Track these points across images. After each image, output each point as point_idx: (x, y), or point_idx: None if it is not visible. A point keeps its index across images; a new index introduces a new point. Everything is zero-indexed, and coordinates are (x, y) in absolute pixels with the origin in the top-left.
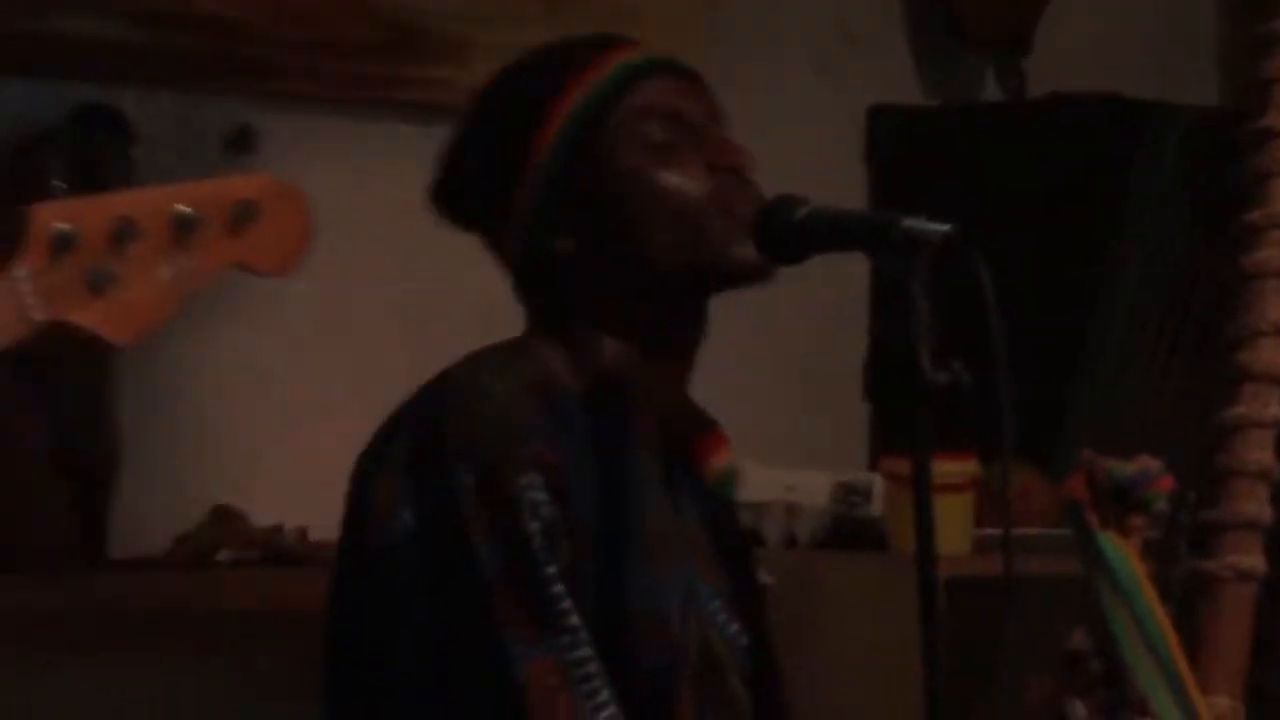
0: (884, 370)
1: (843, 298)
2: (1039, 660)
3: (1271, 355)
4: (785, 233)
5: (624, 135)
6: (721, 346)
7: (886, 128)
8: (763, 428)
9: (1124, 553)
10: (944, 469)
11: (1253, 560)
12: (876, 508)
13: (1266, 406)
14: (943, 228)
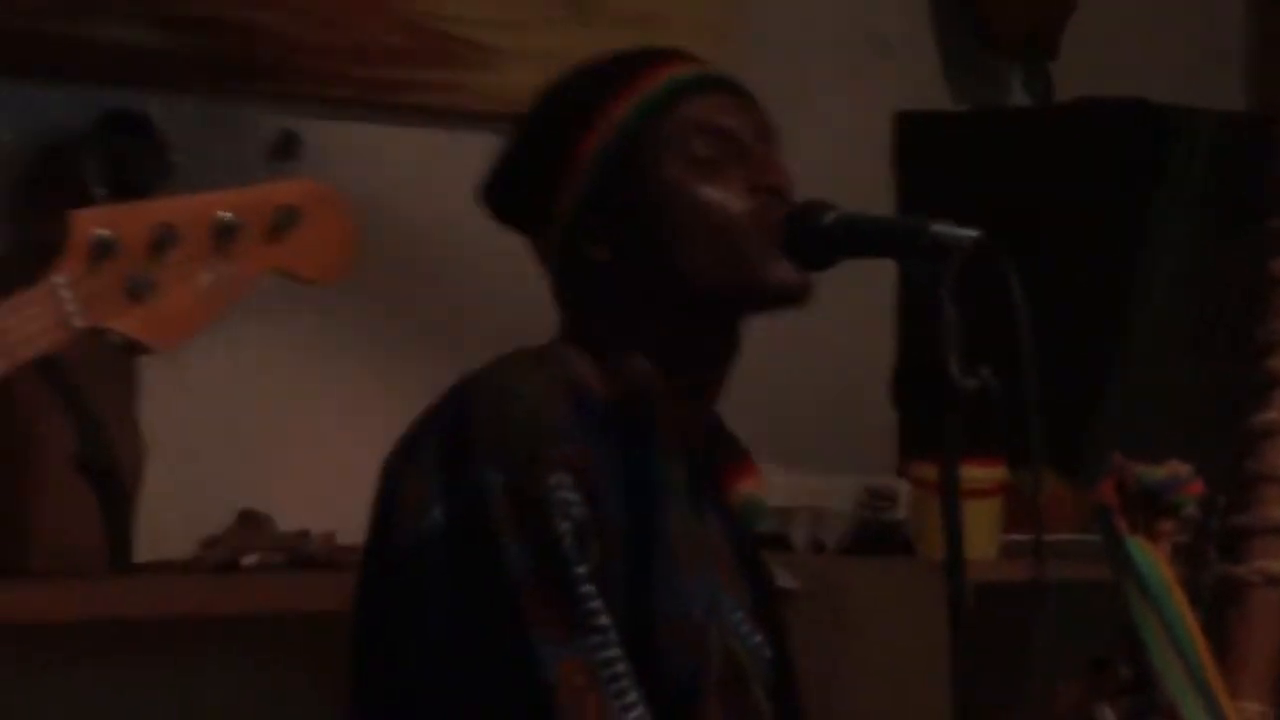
0: (912, 376)
1: (871, 303)
2: (1067, 666)
3: None
4: (813, 238)
5: (668, 148)
6: (749, 351)
7: (914, 133)
8: (790, 432)
9: (1153, 558)
10: (972, 474)
11: None
12: (903, 513)
13: None
14: (971, 233)
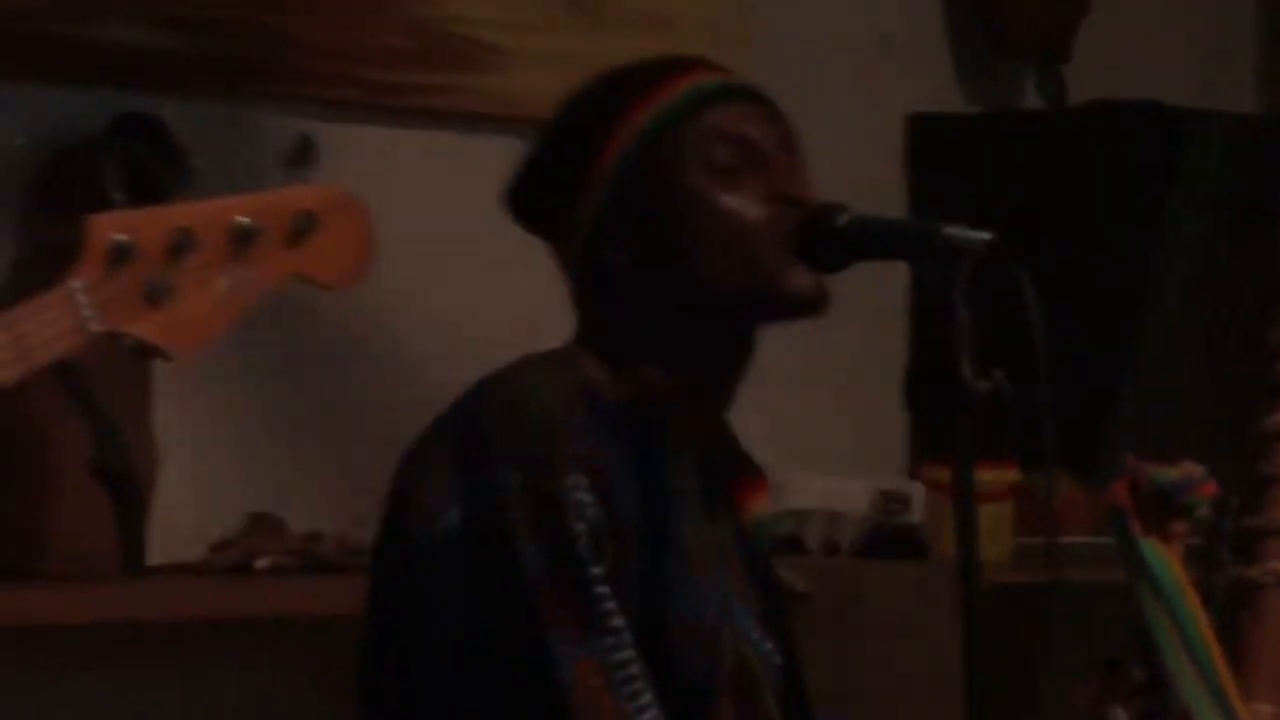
0: (925, 379)
1: (883, 305)
2: (1081, 668)
3: None
4: (827, 240)
5: (689, 155)
6: (763, 355)
7: (926, 136)
8: (803, 435)
9: (1166, 559)
10: (984, 477)
11: None
12: (917, 515)
13: None
14: (984, 236)
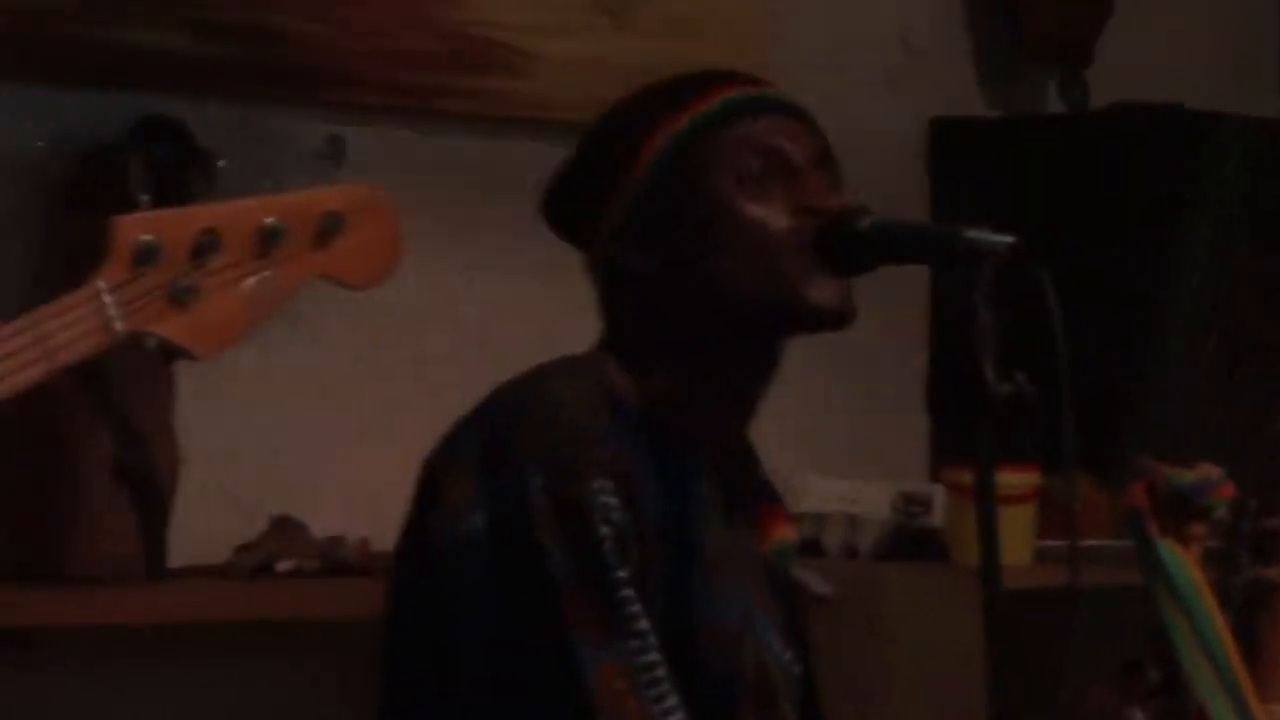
0: (947, 382)
1: (904, 308)
2: (1101, 671)
3: None
4: (849, 244)
5: (718, 164)
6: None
7: (949, 139)
8: (824, 438)
9: (1183, 561)
10: (1006, 480)
11: None
12: (937, 518)
13: None
14: (1006, 239)
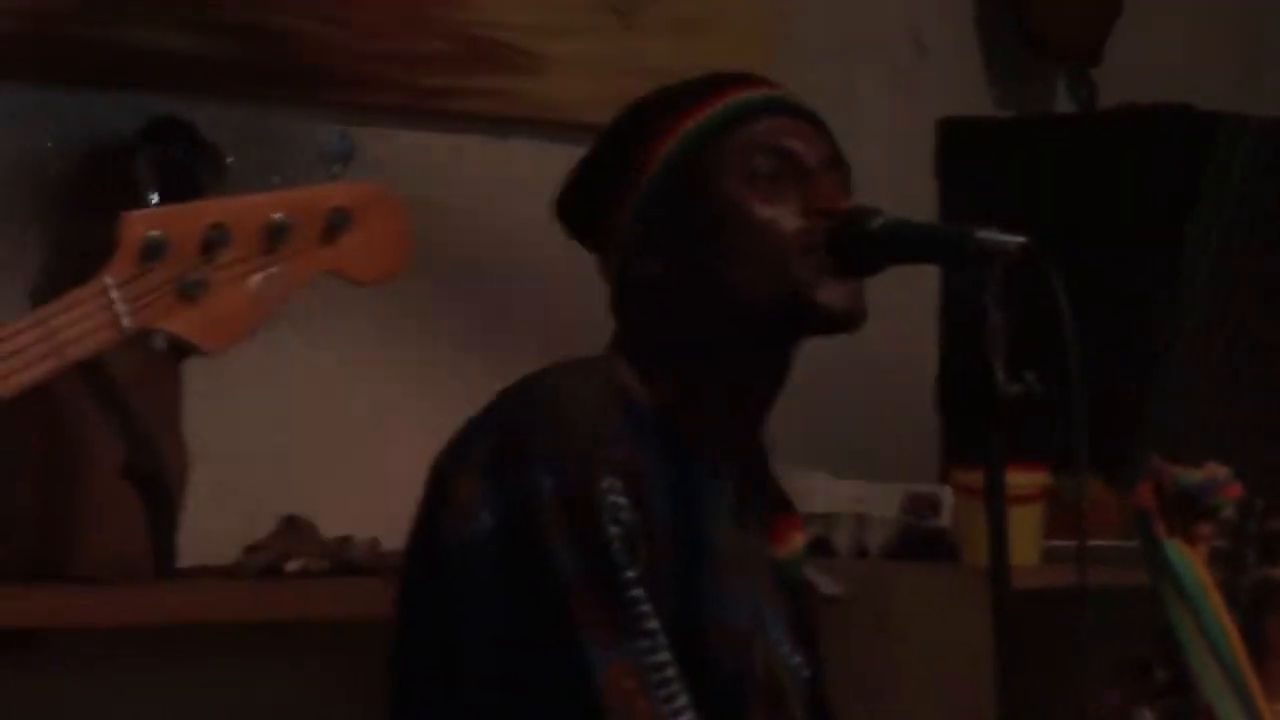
0: (957, 382)
1: (914, 308)
2: (1108, 671)
3: None
4: (859, 244)
5: (728, 165)
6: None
7: (958, 139)
8: (833, 438)
9: (1190, 560)
10: (1015, 480)
11: None
12: (946, 519)
13: None
14: (1016, 239)
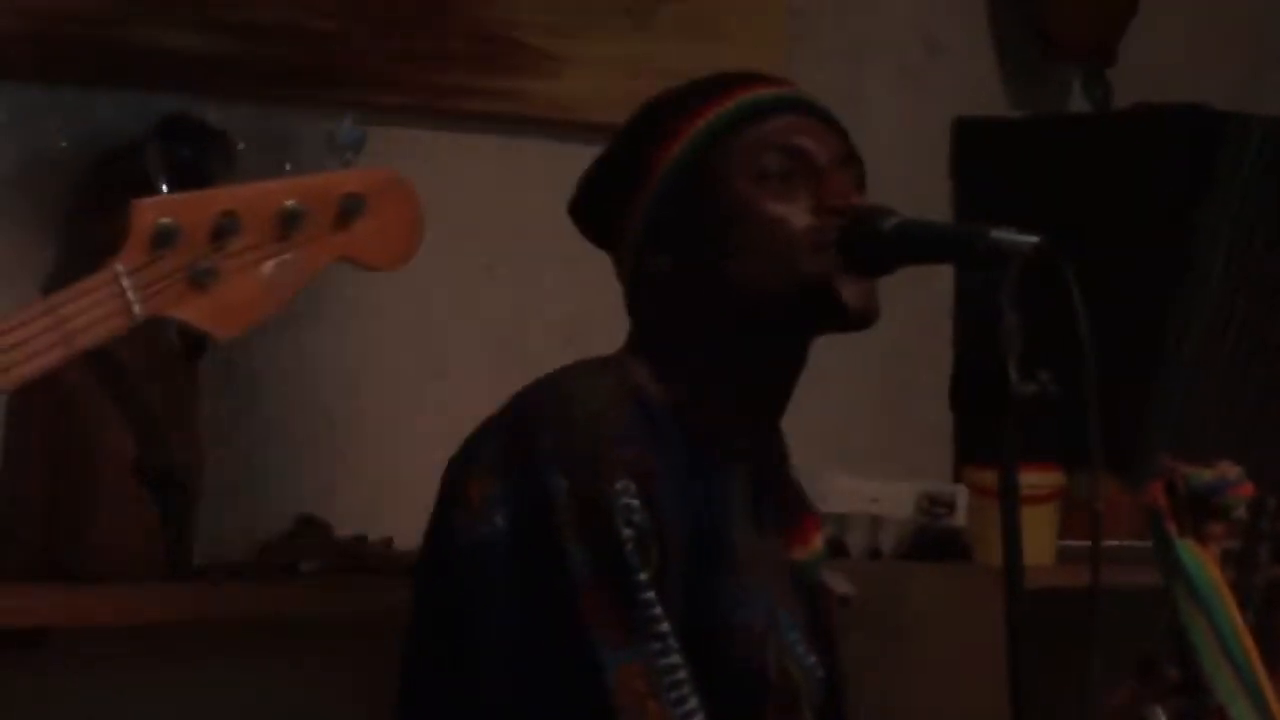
0: (971, 381)
1: (928, 307)
2: (1121, 671)
3: None
4: (873, 244)
5: (739, 162)
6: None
7: (972, 139)
8: (846, 438)
9: (1202, 560)
10: (1029, 480)
11: None
12: (961, 519)
13: None
14: (1031, 239)
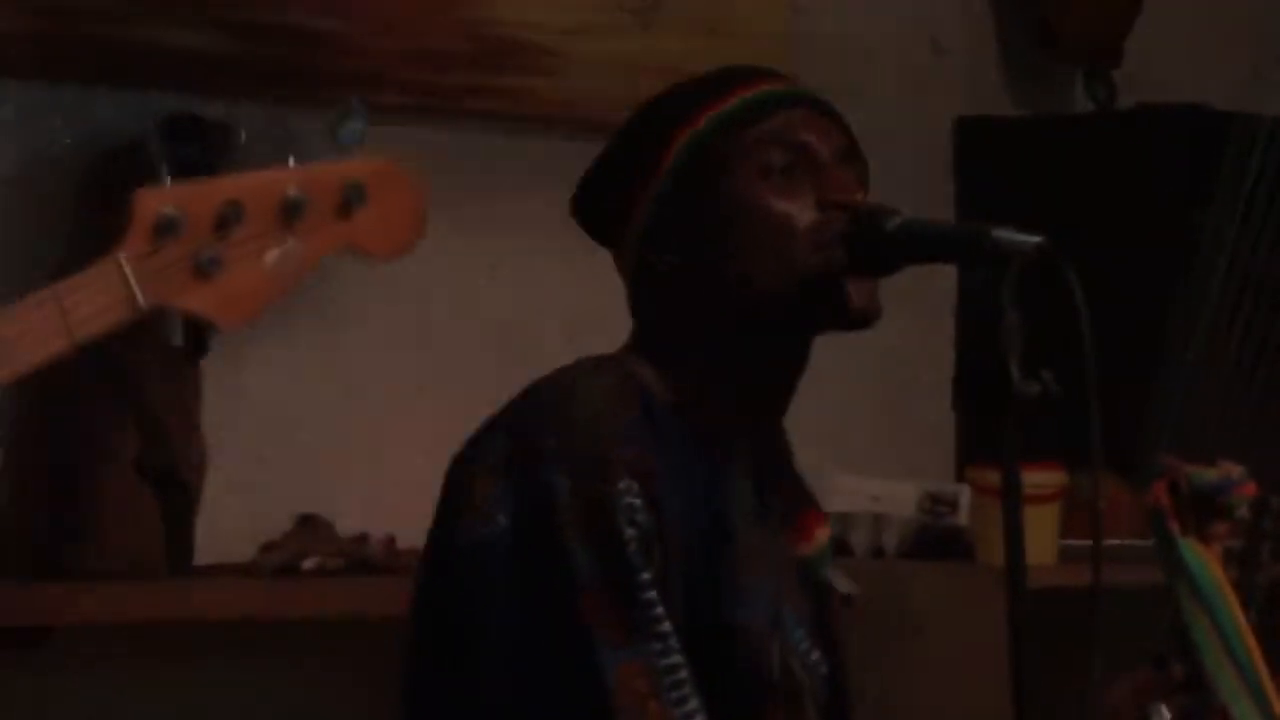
0: (974, 381)
1: (930, 307)
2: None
3: None
4: (877, 244)
5: (743, 158)
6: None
7: (975, 139)
8: (849, 437)
9: (1205, 559)
10: (1031, 479)
11: None
12: (963, 518)
13: None
14: (1033, 239)
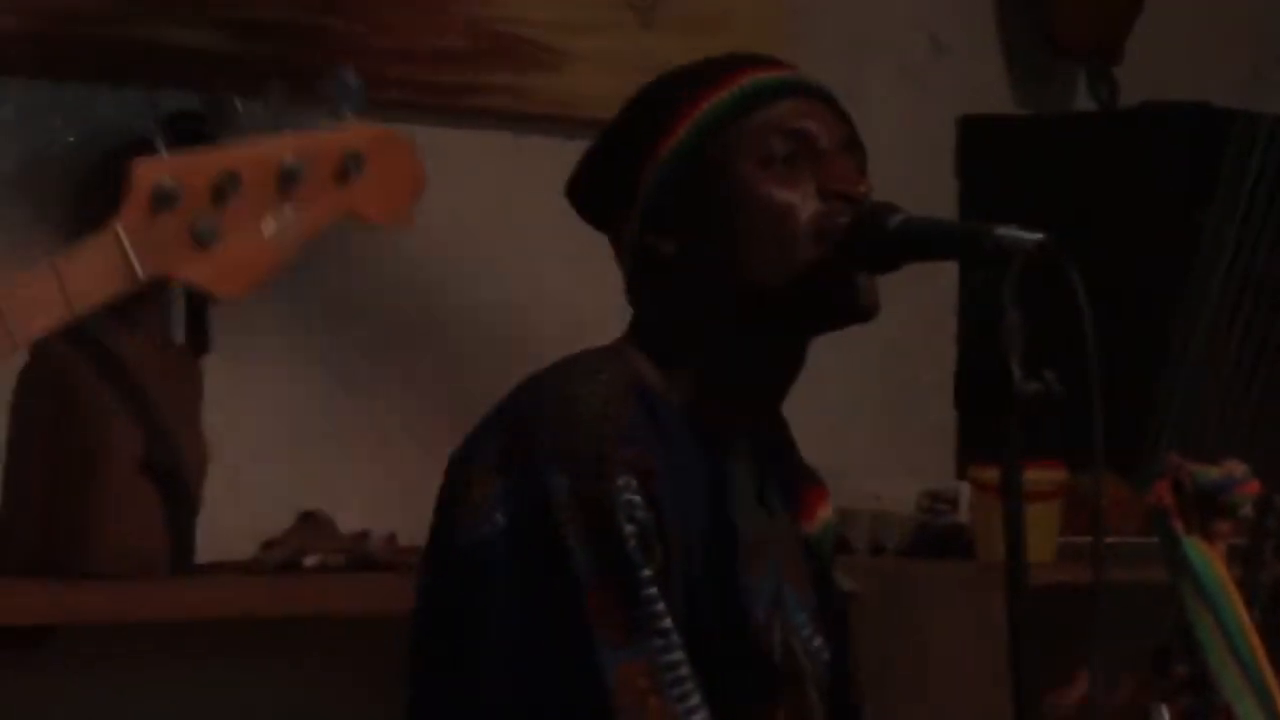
0: (975, 379)
1: (931, 305)
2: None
3: None
4: (878, 241)
5: (743, 146)
6: (809, 352)
7: (977, 137)
8: (849, 435)
9: (1208, 558)
10: (1032, 477)
11: None
12: (964, 515)
13: None
14: (1035, 237)
